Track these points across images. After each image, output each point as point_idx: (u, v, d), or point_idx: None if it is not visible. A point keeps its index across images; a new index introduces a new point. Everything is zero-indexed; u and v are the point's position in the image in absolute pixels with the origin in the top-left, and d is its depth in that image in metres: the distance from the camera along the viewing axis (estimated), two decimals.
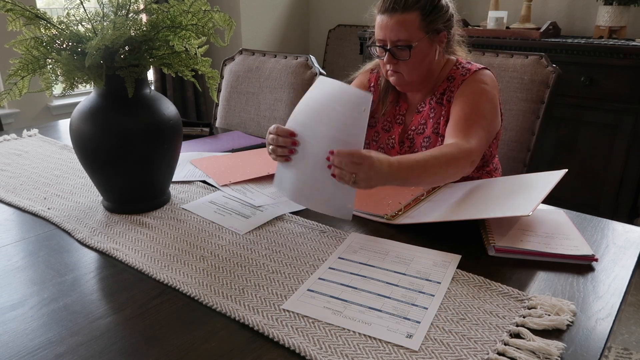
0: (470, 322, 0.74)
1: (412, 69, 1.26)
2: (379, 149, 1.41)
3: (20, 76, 0.98)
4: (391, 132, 1.39)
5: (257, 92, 1.93)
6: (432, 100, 1.32)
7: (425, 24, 1.23)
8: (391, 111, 1.40)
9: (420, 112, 1.34)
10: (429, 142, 1.31)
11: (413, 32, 1.22)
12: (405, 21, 1.22)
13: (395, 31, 1.23)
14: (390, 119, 1.40)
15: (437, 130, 1.30)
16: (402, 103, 1.39)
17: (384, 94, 1.40)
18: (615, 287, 0.83)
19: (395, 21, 1.22)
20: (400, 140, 1.37)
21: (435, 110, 1.31)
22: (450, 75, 1.31)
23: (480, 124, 1.20)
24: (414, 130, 1.35)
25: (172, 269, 0.88)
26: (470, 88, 1.26)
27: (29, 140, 1.62)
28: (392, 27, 1.23)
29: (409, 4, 1.21)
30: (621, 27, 2.53)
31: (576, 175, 2.53)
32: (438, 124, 1.30)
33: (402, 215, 1.06)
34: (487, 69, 1.30)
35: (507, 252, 0.92)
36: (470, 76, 1.27)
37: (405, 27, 1.22)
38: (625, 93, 2.32)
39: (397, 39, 1.23)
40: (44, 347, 0.69)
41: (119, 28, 0.93)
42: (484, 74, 1.29)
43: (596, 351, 0.68)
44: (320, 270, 0.87)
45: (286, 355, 0.68)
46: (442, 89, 1.31)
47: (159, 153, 1.05)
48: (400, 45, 1.23)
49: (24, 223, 1.06)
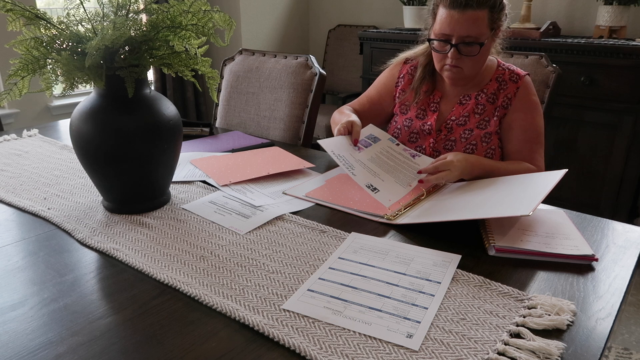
0: (471, 322, 0.74)
1: (475, 65, 1.29)
2: (411, 134, 1.43)
3: (20, 76, 0.98)
4: (426, 119, 1.41)
5: (257, 92, 1.93)
6: (481, 97, 1.35)
7: (492, 22, 1.26)
8: (425, 99, 1.42)
9: (464, 105, 1.37)
10: (470, 134, 1.35)
11: (483, 29, 1.25)
12: (477, 18, 1.23)
13: (466, 27, 1.23)
14: (424, 107, 1.42)
15: (484, 126, 1.34)
16: (436, 91, 1.42)
17: (418, 83, 1.42)
18: (615, 287, 0.83)
19: (468, 17, 1.23)
20: (438, 128, 1.39)
21: (484, 107, 1.35)
22: (499, 76, 1.36)
23: (540, 144, 1.34)
24: (453, 120, 1.37)
25: (172, 269, 0.88)
26: (527, 104, 1.33)
27: (29, 140, 1.62)
28: (464, 22, 1.23)
29: (482, 1, 1.22)
30: (621, 27, 2.53)
31: (576, 175, 2.53)
32: (486, 121, 1.34)
33: (402, 215, 1.06)
34: (528, 75, 1.37)
35: (507, 252, 0.92)
36: (523, 84, 1.34)
37: (477, 24, 1.24)
38: (625, 93, 2.32)
39: (467, 34, 1.24)
40: (44, 347, 0.69)
41: (119, 28, 0.93)
42: (529, 82, 1.36)
43: (596, 351, 0.68)
44: (321, 270, 0.87)
45: (286, 355, 0.68)
46: (492, 88, 1.35)
47: (159, 153, 1.05)
48: (469, 41, 1.25)
49: (24, 223, 1.06)
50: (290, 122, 1.82)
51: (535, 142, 1.32)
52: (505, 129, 1.34)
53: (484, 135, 1.34)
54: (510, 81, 1.34)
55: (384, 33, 3.04)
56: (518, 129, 1.33)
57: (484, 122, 1.34)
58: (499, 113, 1.34)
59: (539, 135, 1.33)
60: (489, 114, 1.34)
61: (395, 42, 2.96)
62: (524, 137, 1.32)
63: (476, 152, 1.34)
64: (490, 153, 1.35)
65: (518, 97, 1.33)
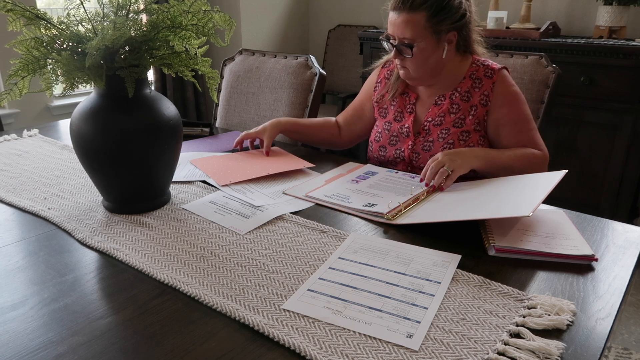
0: (470, 322, 0.74)
1: (417, 67, 1.32)
2: (392, 137, 1.44)
3: (21, 76, 0.98)
4: (403, 122, 1.42)
5: (257, 92, 1.93)
6: (455, 96, 1.36)
7: (431, 24, 1.26)
8: (400, 101, 1.44)
9: (439, 105, 1.38)
10: (447, 133, 1.35)
11: (417, 32, 1.26)
12: (410, 21, 1.26)
13: (401, 29, 1.28)
14: (401, 109, 1.44)
15: (460, 124, 1.35)
16: (411, 93, 1.43)
17: (393, 82, 1.45)
18: (615, 287, 0.83)
19: (402, 20, 1.27)
20: (416, 131, 1.40)
21: (459, 106, 1.35)
22: (472, 73, 1.35)
23: (533, 129, 1.34)
24: (430, 121, 1.38)
25: (172, 269, 0.88)
26: (507, 97, 1.33)
27: (29, 140, 1.62)
28: (399, 25, 1.28)
29: (415, 5, 1.25)
30: (621, 27, 2.53)
31: (576, 175, 2.53)
32: (461, 119, 1.34)
33: (402, 215, 1.06)
34: (505, 68, 1.37)
35: (507, 252, 0.92)
36: (499, 78, 1.33)
37: (410, 27, 1.26)
38: (625, 93, 2.32)
39: (403, 36, 1.28)
40: (44, 347, 0.69)
41: (119, 28, 0.93)
42: (505, 74, 1.35)
43: (596, 351, 0.68)
44: (321, 270, 0.87)
45: (286, 355, 0.68)
46: (466, 86, 1.35)
47: (159, 153, 1.05)
48: (407, 43, 1.28)
49: (24, 223, 1.06)
50: None
51: (529, 129, 1.33)
52: (493, 128, 1.34)
53: (461, 134, 1.34)
54: (485, 77, 1.34)
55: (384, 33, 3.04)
56: (508, 125, 1.32)
57: (460, 121, 1.34)
58: (478, 111, 1.33)
59: (529, 121, 1.34)
60: (464, 112, 1.34)
61: None
62: (517, 129, 1.32)
63: None
64: None
65: (496, 92, 1.32)
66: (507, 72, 1.36)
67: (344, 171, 1.34)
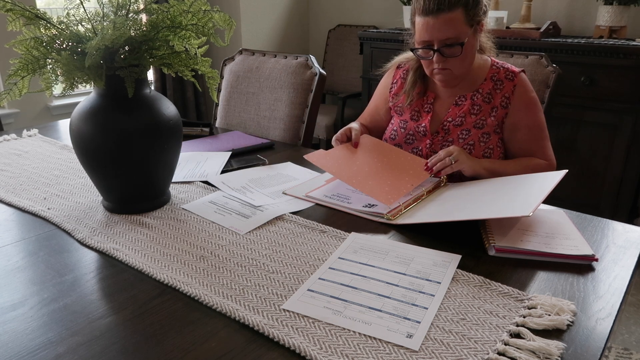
0: (471, 322, 0.74)
1: (462, 64, 1.30)
2: (407, 135, 1.43)
3: (20, 76, 0.98)
4: (420, 121, 1.41)
5: (257, 92, 1.93)
6: (476, 97, 1.36)
7: (469, 18, 1.26)
8: (418, 101, 1.43)
9: (459, 106, 1.37)
10: (467, 134, 1.35)
11: (461, 28, 1.25)
12: (452, 19, 1.24)
13: (444, 30, 1.25)
14: (418, 109, 1.43)
15: (481, 125, 1.35)
16: (429, 93, 1.43)
17: (411, 86, 1.43)
18: (615, 287, 0.83)
19: (443, 21, 1.24)
20: (434, 130, 1.39)
21: (480, 107, 1.35)
22: (493, 75, 1.36)
23: (546, 138, 1.36)
24: (450, 121, 1.37)
25: (172, 269, 0.88)
26: (526, 102, 1.34)
27: (29, 140, 1.62)
28: (440, 27, 1.24)
29: (453, 2, 1.23)
30: (621, 27, 2.53)
31: (576, 175, 2.53)
32: (483, 120, 1.35)
33: (402, 215, 1.06)
34: (523, 71, 1.37)
35: (507, 252, 0.92)
36: (519, 82, 1.34)
37: (453, 25, 1.25)
38: (625, 93, 2.32)
39: (446, 37, 1.25)
40: (44, 347, 0.69)
41: (119, 28, 0.93)
42: (525, 78, 1.36)
43: (596, 351, 0.68)
44: (320, 270, 0.87)
45: (286, 355, 0.68)
46: (487, 88, 1.35)
47: (159, 153, 1.05)
48: (450, 43, 1.26)
49: (24, 223, 1.06)
50: (290, 122, 1.82)
51: (541, 137, 1.35)
52: (509, 131, 1.35)
53: (482, 135, 1.34)
54: (507, 79, 1.34)
55: (384, 33, 3.04)
56: (523, 129, 1.33)
57: (481, 122, 1.34)
58: (498, 113, 1.34)
59: (543, 130, 1.35)
60: (485, 113, 1.34)
61: (395, 42, 2.96)
62: (531, 136, 1.34)
63: (474, 151, 1.34)
64: (489, 152, 1.35)
65: (516, 95, 1.33)
66: (525, 75, 1.37)
67: None
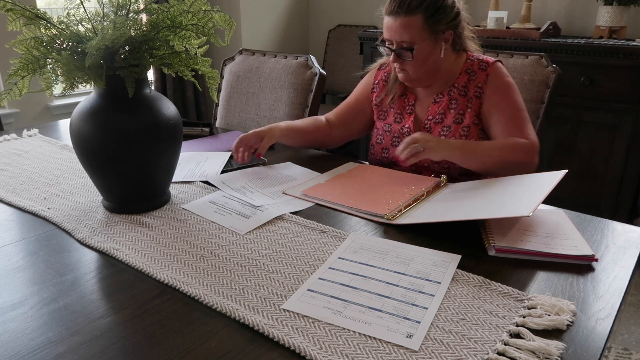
0: (470, 322, 0.74)
1: (417, 68, 1.32)
2: (393, 138, 1.44)
3: (21, 76, 0.98)
4: (403, 122, 1.43)
5: (257, 92, 1.93)
6: (453, 92, 1.36)
7: (428, 25, 1.27)
8: (400, 103, 1.44)
9: (438, 103, 1.38)
10: (448, 130, 1.36)
11: (416, 34, 1.27)
12: (408, 24, 1.26)
13: (399, 33, 1.28)
14: (400, 111, 1.44)
15: (460, 120, 1.35)
16: (409, 94, 1.44)
17: (391, 85, 1.45)
18: (615, 287, 0.83)
19: (399, 23, 1.27)
20: (417, 129, 1.40)
21: (457, 101, 1.35)
22: (467, 68, 1.36)
23: (524, 118, 1.31)
24: (431, 119, 1.38)
25: (172, 269, 0.88)
26: (499, 87, 1.32)
27: (29, 140, 1.62)
28: (397, 29, 1.28)
29: (412, 7, 1.25)
30: (621, 27, 2.53)
31: (576, 175, 2.53)
32: (461, 114, 1.35)
33: (402, 215, 1.06)
34: (499, 61, 1.36)
35: (507, 252, 0.92)
36: (492, 70, 1.33)
37: (408, 30, 1.27)
38: (625, 93, 2.32)
39: (401, 40, 1.29)
40: (44, 346, 0.69)
41: (119, 28, 0.93)
42: (500, 67, 1.35)
43: (596, 351, 0.68)
44: (320, 270, 0.87)
45: (286, 355, 0.68)
46: (462, 81, 1.36)
47: (159, 153, 1.05)
48: (405, 46, 1.28)
49: (24, 223, 1.06)
50: None
51: (518, 117, 1.31)
52: (486, 117, 1.33)
53: (462, 129, 1.34)
54: (480, 70, 1.34)
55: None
56: (498, 112, 1.31)
57: (460, 116, 1.35)
58: (474, 104, 1.33)
59: (521, 111, 1.32)
60: (462, 107, 1.35)
61: None
62: (506, 116, 1.31)
63: None
64: None
65: (489, 82, 1.33)
66: (501, 64, 1.36)
67: (344, 171, 1.34)
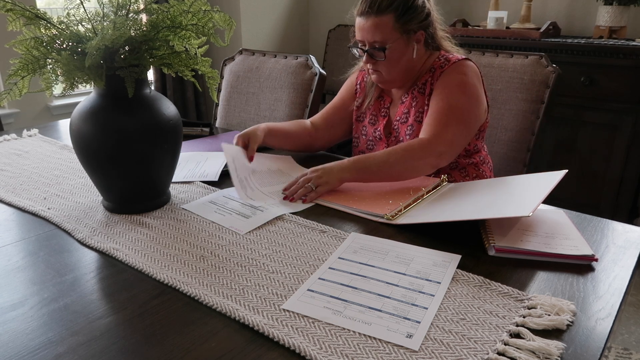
0: (470, 322, 0.74)
1: (390, 68, 1.32)
2: (368, 141, 1.46)
3: (20, 76, 0.98)
4: (377, 125, 1.44)
5: (257, 92, 1.93)
6: (414, 90, 1.36)
7: (399, 25, 1.27)
8: (376, 105, 1.45)
9: (404, 103, 1.38)
10: (412, 130, 1.35)
11: (387, 34, 1.27)
12: (379, 24, 1.26)
13: (371, 33, 1.28)
14: (376, 113, 1.45)
15: (420, 118, 1.34)
16: (386, 97, 1.44)
17: (369, 88, 1.46)
18: (615, 287, 0.83)
19: (370, 24, 1.27)
20: (387, 132, 1.41)
21: (417, 99, 1.35)
22: (432, 66, 1.35)
23: (454, 116, 1.23)
24: (398, 120, 1.39)
25: (172, 269, 0.88)
26: (448, 81, 1.29)
27: (29, 140, 1.62)
28: (368, 29, 1.28)
29: (382, 7, 1.25)
30: (621, 27, 2.53)
31: (576, 175, 2.53)
32: (421, 112, 1.34)
33: (402, 215, 1.06)
34: (468, 60, 1.32)
35: (507, 252, 0.92)
36: (449, 67, 1.30)
37: (379, 30, 1.27)
38: (625, 93, 2.32)
39: (373, 40, 1.29)
40: (44, 347, 0.69)
41: (119, 28, 0.93)
42: (463, 64, 1.30)
43: (596, 351, 0.68)
44: (320, 270, 0.87)
45: (286, 355, 0.68)
46: (424, 79, 1.35)
47: (159, 153, 1.05)
48: (377, 46, 1.28)
49: (24, 223, 1.06)
50: None
51: (446, 114, 1.23)
52: None
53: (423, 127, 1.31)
54: (439, 68, 1.32)
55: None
56: (434, 101, 1.27)
57: (420, 115, 1.34)
58: (430, 101, 1.31)
59: (455, 109, 1.23)
60: (421, 105, 1.34)
61: None
62: (436, 109, 1.25)
63: None
64: None
65: (441, 77, 1.29)
66: (469, 63, 1.31)
67: None
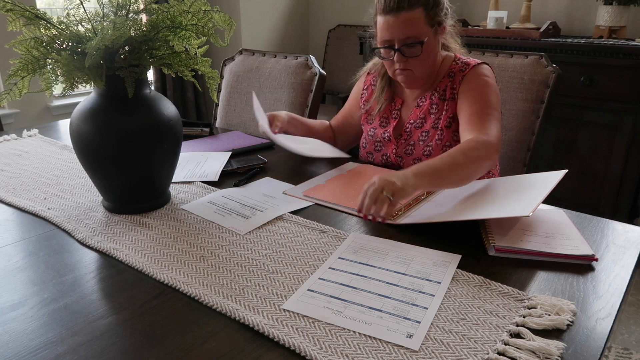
0: (471, 322, 0.74)
1: (423, 64, 1.29)
2: (376, 143, 1.45)
3: (20, 76, 0.98)
4: (387, 127, 1.42)
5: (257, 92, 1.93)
6: (434, 96, 1.35)
7: (429, 18, 1.26)
8: (387, 107, 1.44)
9: (420, 107, 1.37)
10: (427, 136, 1.34)
11: (421, 27, 1.25)
12: (412, 18, 1.24)
13: (404, 29, 1.25)
14: (387, 115, 1.44)
15: (437, 125, 1.33)
16: (397, 98, 1.43)
17: (380, 92, 1.44)
18: (615, 287, 0.83)
19: (403, 19, 1.24)
20: (397, 134, 1.40)
21: (437, 106, 1.34)
22: (451, 71, 1.34)
23: (492, 115, 1.24)
24: (412, 124, 1.37)
25: (172, 269, 0.88)
26: (474, 83, 1.29)
27: (29, 140, 1.62)
28: (400, 25, 1.25)
29: (413, 1, 1.23)
30: (621, 27, 2.53)
31: (576, 175, 2.53)
32: (439, 119, 1.33)
33: (402, 215, 1.06)
34: (485, 64, 1.33)
35: (507, 252, 0.92)
36: (471, 71, 1.31)
37: (414, 24, 1.25)
38: (625, 93, 2.32)
39: (407, 36, 1.25)
40: (44, 347, 0.69)
41: (119, 28, 0.93)
42: (483, 67, 1.32)
43: (596, 351, 0.68)
44: (320, 270, 0.87)
45: (286, 355, 0.68)
46: (444, 85, 1.34)
47: (159, 153, 1.05)
48: (410, 42, 1.25)
49: (24, 223, 1.06)
50: None
51: (485, 113, 1.24)
52: (458, 114, 1.29)
53: (438, 134, 1.32)
54: (459, 72, 1.32)
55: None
56: (465, 105, 1.27)
57: (438, 121, 1.33)
58: (449, 107, 1.31)
59: (489, 108, 1.25)
60: (440, 111, 1.33)
61: None
62: (472, 110, 1.25)
63: (433, 153, 1.32)
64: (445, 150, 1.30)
65: (464, 81, 1.30)
66: (486, 66, 1.32)
67: (344, 171, 1.34)
